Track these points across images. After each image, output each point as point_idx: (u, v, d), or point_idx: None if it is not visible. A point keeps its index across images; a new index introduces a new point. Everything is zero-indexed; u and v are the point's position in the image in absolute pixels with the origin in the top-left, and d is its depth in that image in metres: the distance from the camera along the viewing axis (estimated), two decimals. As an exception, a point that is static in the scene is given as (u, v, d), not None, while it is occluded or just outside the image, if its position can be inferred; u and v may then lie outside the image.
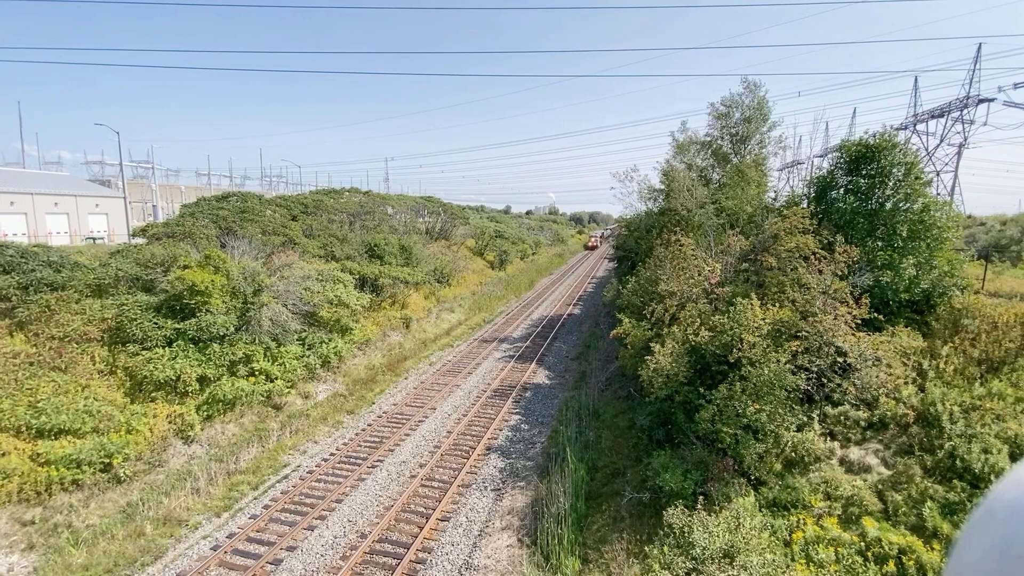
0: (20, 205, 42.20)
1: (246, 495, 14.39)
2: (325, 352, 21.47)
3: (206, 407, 16.96)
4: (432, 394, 21.54)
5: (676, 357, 13.24)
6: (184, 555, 11.89)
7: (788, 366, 11.82)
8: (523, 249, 63.03)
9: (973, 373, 12.84)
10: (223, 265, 19.85)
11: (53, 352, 15.74)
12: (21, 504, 12.44)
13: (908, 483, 10.54)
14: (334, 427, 18.72)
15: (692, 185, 23.08)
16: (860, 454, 11.76)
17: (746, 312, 12.92)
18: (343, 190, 43.42)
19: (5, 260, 18.13)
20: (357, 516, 13.21)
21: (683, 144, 26.96)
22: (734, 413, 11.56)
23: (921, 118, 52.23)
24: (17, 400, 14.01)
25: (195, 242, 23.49)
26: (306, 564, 11.47)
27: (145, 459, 14.74)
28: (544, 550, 11.76)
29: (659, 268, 17.87)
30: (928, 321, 15.14)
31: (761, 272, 15.60)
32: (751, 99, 24.54)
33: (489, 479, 15.02)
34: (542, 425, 18.66)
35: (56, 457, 13.10)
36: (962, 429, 11.05)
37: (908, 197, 15.92)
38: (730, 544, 9.04)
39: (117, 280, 19.05)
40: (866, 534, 9.57)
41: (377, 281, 28.23)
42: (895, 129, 18.05)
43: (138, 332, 17.06)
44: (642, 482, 12.83)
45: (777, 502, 10.93)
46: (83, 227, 46.71)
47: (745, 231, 19.63)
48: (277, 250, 24.85)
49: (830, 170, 18.21)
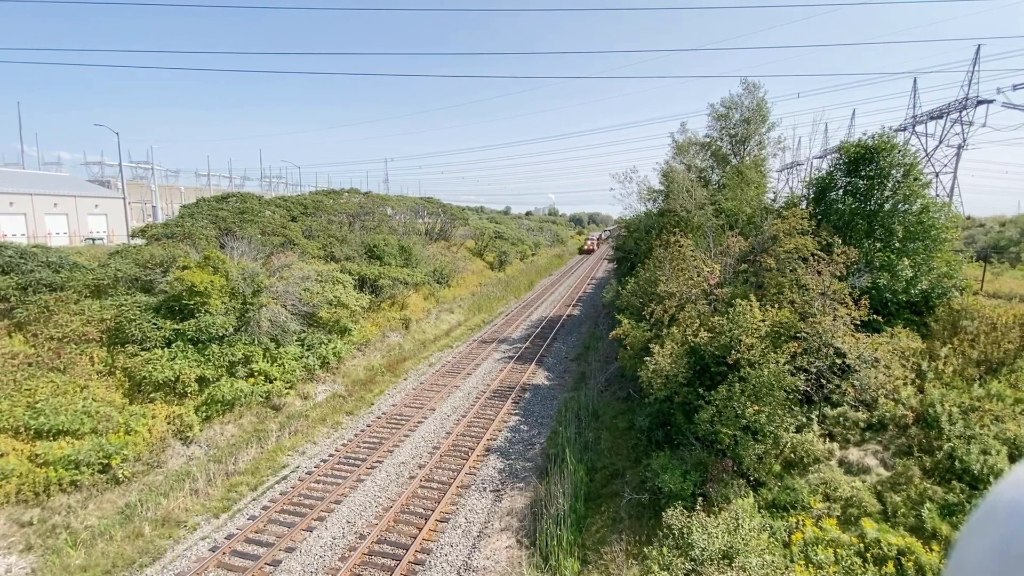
0: (19, 205, 42.18)
1: (245, 496, 14.37)
2: (324, 353, 21.46)
3: (205, 408, 16.94)
4: (431, 395, 21.53)
5: (675, 358, 13.24)
6: (182, 556, 11.87)
7: (787, 367, 11.82)
8: (523, 250, 63.03)
9: (972, 374, 12.85)
10: (222, 266, 19.84)
11: (52, 353, 15.72)
12: (19, 505, 12.42)
13: (907, 484, 10.54)
14: (333, 428, 18.70)
15: (691, 186, 23.09)
16: (859, 455, 11.76)
17: (745, 313, 12.92)
18: (343, 191, 43.37)
19: (4, 261, 18.11)
20: (356, 517, 13.19)
21: (682, 145, 26.97)
22: (733, 414, 11.56)
23: (920, 119, 52.31)
24: (16, 401, 13.98)
25: (194, 243, 23.48)
26: (305, 565, 11.45)
27: (144, 460, 14.72)
28: (543, 551, 11.75)
29: (658, 269, 17.86)
30: (927, 322, 15.15)
31: (760, 273, 15.61)
32: (750, 100, 24.57)
33: (488, 480, 15.01)
34: (541, 426, 18.65)
35: (54, 458, 13.08)
36: (961, 430, 11.05)
37: (907, 198, 15.95)
38: (729, 545, 9.03)
39: (116, 281, 19.03)
40: (865, 535, 9.57)
41: (376, 282, 28.22)
42: (894, 130, 18.11)
43: (137, 333, 17.04)
44: (641, 483, 12.82)
45: (776, 503, 10.93)
46: (82, 228, 46.69)
47: (744, 232, 19.64)
48: (276, 251, 24.84)
49: (829, 171, 18.24)
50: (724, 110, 25.06)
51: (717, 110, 25.27)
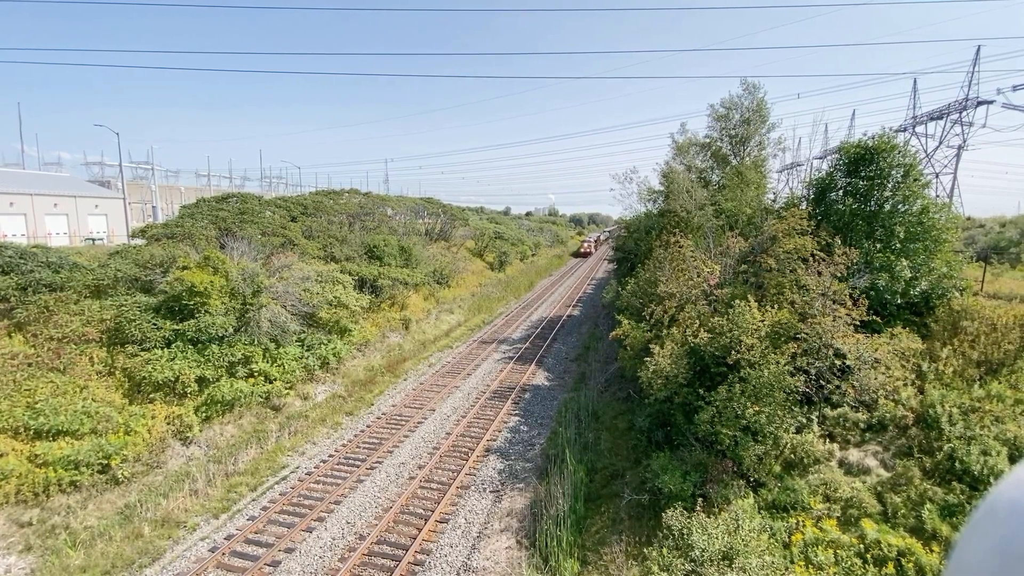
0: (20, 206, 42.19)
1: (244, 497, 14.37)
2: (324, 353, 21.45)
3: (205, 408, 16.93)
4: (431, 395, 21.52)
5: (675, 359, 13.24)
6: (182, 557, 11.87)
7: (787, 368, 11.81)
8: (523, 250, 63.03)
9: (972, 375, 12.84)
10: (222, 266, 19.84)
11: (52, 353, 15.72)
12: (19, 505, 12.41)
13: (907, 485, 10.53)
14: (333, 428, 18.69)
15: (691, 187, 23.10)
16: (859, 456, 11.75)
17: (745, 314, 12.92)
18: (343, 191, 43.38)
19: (4, 261, 18.10)
20: (355, 518, 13.19)
21: (683, 146, 26.99)
22: (733, 415, 11.55)
23: (920, 120, 52.29)
24: (15, 401, 13.98)
25: (194, 243, 23.48)
26: (304, 566, 11.44)
27: (143, 460, 14.71)
28: (543, 552, 11.74)
29: (658, 269, 17.87)
30: (927, 323, 15.14)
31: (760, 274, 15.60)
32: (750, 101, 24.58)
33: (488, 481, 15.00)
34: (541, 427, 18.65)
35: (54, 458, 13.07)
36: (961, 431, 11.04)
37: (907, 199, 15.94)
38: (729, 546, 9.03)
39: (116, 281, 19.02)
40: (865, 536, 9.56)
41: (376, 282, 28.22)
42: (894, 131, 18.09)
43: (137, 333, 17.03)
44: (641, 484, 12.81)
45: (776, 504, 10.92)
46: (83, 228, 46.70)
47: (744, 233, 19.64)
48: (276, 251, 24.84)
49: (829, 172, 18.23)
50: (724, 111, 25.08)
51: (717, 111, 25.30)
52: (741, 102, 24.70)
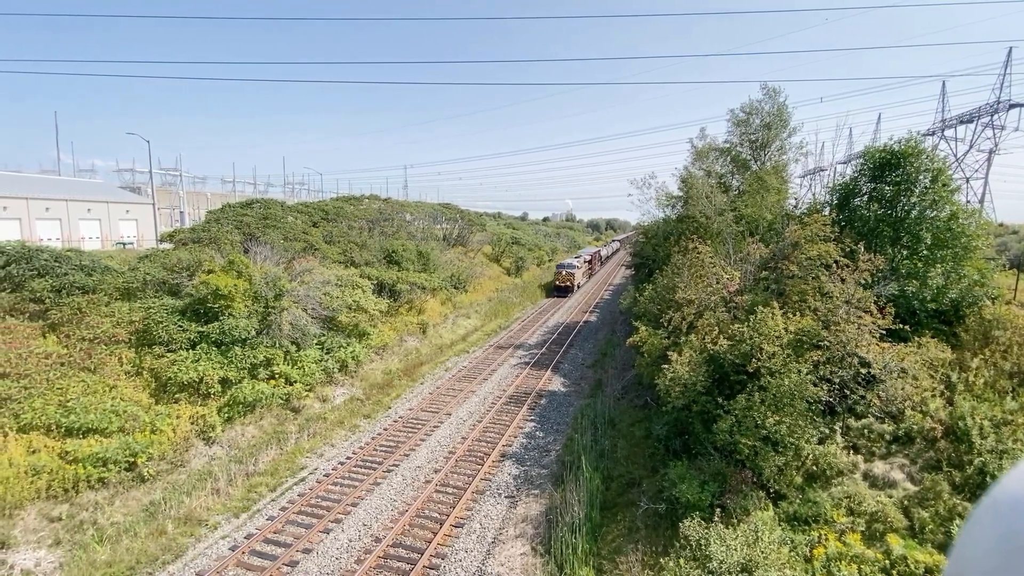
0: (55, 211, 43.86)
1: (264, 497, 14.61)
2: (343, 356, 21.74)
3: (227, 409, 17.31)
4: (448, 399, 21.62)
5: (693, 366, 13.07)
6: (203, 554, 12.11)
7: (809, 377, 11.57)
8: (539, 255, 63.04)
9: (1004, 386, 12.40)
10: (246, 270, 20.32)
11: (83, 353, 16.26)
12: (49, 500, 12.84)
13: (935, 500, 10.20)
14: (351, 431, 18.90)
15: (711, 192, 22.84)
16: (885, 469, 11.43)
17: (766, 321, 12.71)
18: (363, 197, 44.11)
19: (40, 264, 18.85)
20: (372, 520, 13.30)
21: (702, 151, 26.72)
22: (753, 424, 11.35)
23: (949, 123, 50.92)
24: (48, 399, 14.49)
25: (220, 247, 24.09)
26: (321, 567, 11.57)
27: (168, 459, 15.08)
28: (558, 559, 11.67)
29: (676, 276, 17.69)
30: (957, 332, 14.67)
31: (781, 280, 15.34)
32: (771, 105, 24.23)
33: (503, 486, 14.98)
34: (557, 433, 18.56)
35: (83, 455, 13.50)
36: (993, 444, 10.67)
37: (935, 204, 15.53)
38: (748, 558, 8.85)
39: (145, 284, 19.63)
40: (891, 551, 9.28)
41: (395, 287, 28.53)
42: (922, 135, 17.66)
43: (164, 335, 17.53)
44: (658, 493, 12.66)
45: (797, 516, 10.67)
46: (114, 232, 48.31)
47: (765, 239, 19.34)
48: (298, 255, 25.34)
49: (853, 177, 17.88)
50: (744, 115, 24.76)
51: (737, 115, 24.99)
52: (761, 106, 24.37)
